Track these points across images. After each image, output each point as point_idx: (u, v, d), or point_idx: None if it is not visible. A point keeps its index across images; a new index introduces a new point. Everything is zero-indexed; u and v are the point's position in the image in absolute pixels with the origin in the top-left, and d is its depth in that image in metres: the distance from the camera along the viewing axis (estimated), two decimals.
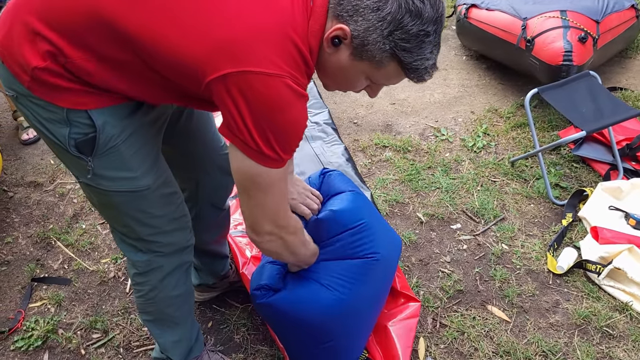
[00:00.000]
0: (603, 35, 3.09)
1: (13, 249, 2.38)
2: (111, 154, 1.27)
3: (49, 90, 1.18)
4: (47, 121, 1.23)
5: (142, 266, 1.52)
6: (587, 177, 2.73)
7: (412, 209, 2.57)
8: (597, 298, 2.11)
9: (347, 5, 1.10)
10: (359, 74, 1.19)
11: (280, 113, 1.09)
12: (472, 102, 3.40)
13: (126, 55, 1.14)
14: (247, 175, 1.18)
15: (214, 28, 1.07)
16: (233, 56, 1.05)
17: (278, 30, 1.07)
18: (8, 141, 3.03)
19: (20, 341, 1.98)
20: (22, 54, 1.16)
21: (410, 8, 1.07)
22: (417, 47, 1.11)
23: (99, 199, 1.40)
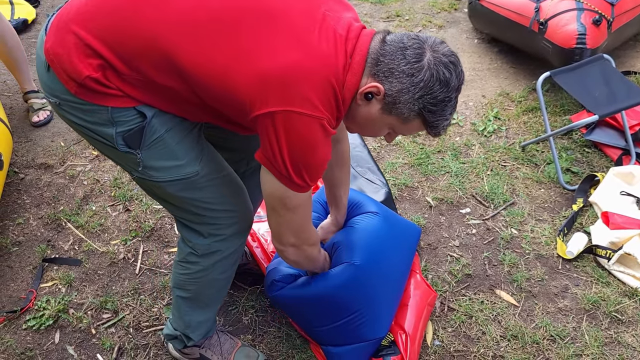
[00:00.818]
0: (618, 17, 3.04)
1: (24, 230, 2.40)
2: (157, 145, 1.35)
3: (96, 95, 1.26)
4: (92, 124, 1.31)
5: (202, 249, 1.56)
6: (599, 162, 2.70)
7: (421, 193, 2.56)
8: (607, 283, 2.10)
9: (384, 67, 1.23)
10: (384, 125, 1.33)
11: (313, 149, 1.23)
12: (484, 85, 3.37)
13: (176, 83, 1.24)
14: (278, 197, 1.32)
15: (266, 65, 1.17)
16: (282, 95, 1.17)
17: (323, 77, 1.19)
18: (19, 123, 3.04)
19: (32, 320, 2.01)
20: (73, 64, 1.23)
21: (441, 78, 1.22)
22: (441, 110, 1.26)
23: (156, 192, 1.49)
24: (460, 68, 1.26)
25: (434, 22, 4.13)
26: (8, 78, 3.41)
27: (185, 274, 1.63)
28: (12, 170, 2.70)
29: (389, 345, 1.81)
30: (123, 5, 1.23)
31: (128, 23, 1.22)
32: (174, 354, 1.86)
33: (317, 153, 1.25)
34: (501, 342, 1.92)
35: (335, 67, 1.21)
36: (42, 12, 4.32)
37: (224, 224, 1.53)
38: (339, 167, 1.74)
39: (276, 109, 1.17)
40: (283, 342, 1.94)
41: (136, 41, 1.21)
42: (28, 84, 3.07)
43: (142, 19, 1.21)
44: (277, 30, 1.19)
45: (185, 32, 1.20)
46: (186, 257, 1.60)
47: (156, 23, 1.20)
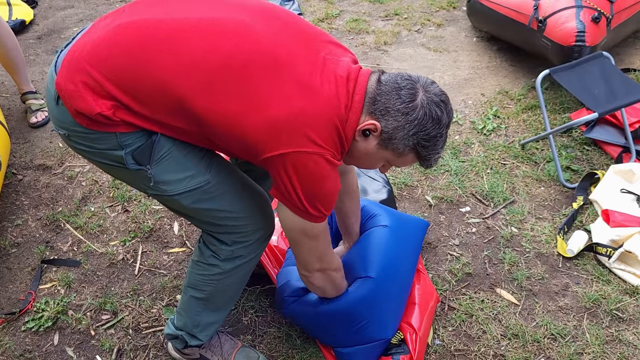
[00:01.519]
0: (617, 15, 3.03)
1: (23, 232, 2.39)
2: (166, 158, 1.38)
3: (105, 126, 1.31)
4: (102, 150, 1.36)
5: (225, 254, 1.56)
6: (599, 159, 2.70)
7: (421, 192, 2.55)
8: (607, 281, 2.10)
9: (380, 107, 1.32)
10: (380, 159, 1.43)
11: (323, 182, 1.32)
12: (483, 84, 3.36)
13: (188, 126, 1.31)
14: (298, 229, 1.41)
15: (275, 113, 1.25)
16: (290, 139, 1.26)
17: (327, 118, 1.28)
18: (17, 124, 3.04)
19: (30, 322, 2.00)
20: (85, 101, 1.27)
21: (433, 116, 1.32)
22: (433, 145, 1.36)
23: (173, 207, 1.52)
24: (450, 106, 1.37)
25: (433, 20, 4.12)
26: (6, 79, 3.40)
27: (202, 274, 1.62)
28: (11, 172, 2.69)
29: (399, 344, 1.80)
30: (136, 48, 1.26)
31: (141, 67, 1.26)
32: (173, 354, 1.85)
33: (328, 184, 1.34)
34: (502, 341, 1.91)
35: (338, 108, 1.30)
36: (40, 13, 4.32)
37: (247, 231, 1.54)
38: (348, 197, 1.83)
39: (285, 151, 1.26)
40: (283, 342, 1.93)
41: (149, 86, 1.26)
42: (26, 85, 3.07)
43: (155, 64, 1.25)
44: (282, 77, 1.26)
45: (197, 79, 1.25)
46: (207, 259, 1.59)
47: (169, 69, 1.25)
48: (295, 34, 1.34)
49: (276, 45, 1.29)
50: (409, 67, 3.56)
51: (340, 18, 4.21)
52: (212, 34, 1.27)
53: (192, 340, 1.74)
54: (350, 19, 4.16)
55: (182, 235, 2.35)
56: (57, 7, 4.44)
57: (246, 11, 1.34)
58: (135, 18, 1.30)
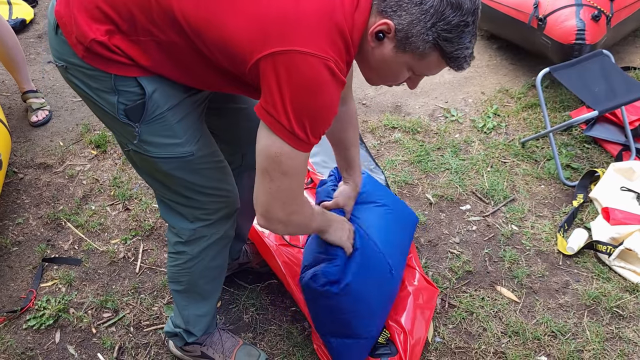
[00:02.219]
0: (617, 13, 3.03)
1: (24, 230, 2.40)
2: (157, 121, 1.33)
3: (101, 60, 1.25)
4: (96, 90, 1.31)
5: (187, 235, 1.55)
6: (599, 158, 2.70)
7: (421, 190, 2.56)
8: (607, 279, 2.10)
9: (390, 1, 1.16)
10: (402, 65, 1.24)
11: (318, 94, 1.15)
12: (483, 82, 3.36)
13: (178, 38, 1.21)
14: (273, 155, 1.21)
15: (265, 7, 1.13)
16: (283, 34, 1.11)
17: (327, 17, 1.13)
18: (18, 123, 3.04)
19: (32, 320, 2.01)
20: (80, 26, 1.22)
21: (451, 1, 1.13)
22: (458, 37, 1.17)
23: (147, 167, 1.45)
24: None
25: None
26: (6, 78, 3.40)
27: (175, 265, 1.63)
28: (11, 170, 2.69)
29: (386, 344, 1.80)
30: None
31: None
32: (174, 352, 1.86)
33: (323, 99, 1.17)
34: (502, 339, 1.92)
35: (341, 7, 1.15)
36: (40, 12, 4.31)
37: (211, 209, 1.53)
38: (349, 128, 1.69)
39: (277, 49, 1.11)
40: (284, 340, 1.93)
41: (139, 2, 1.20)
42: (27, 83, 3.07)
43: None
44: None
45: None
46: (175, 246, 1.60)
47: None
48: None
49: None
50: None
51: None
52: None
53: (189, 336, 1.75)
54: None
55: None
56: None
57: None
58: None
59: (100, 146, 2.84)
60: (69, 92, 3.31)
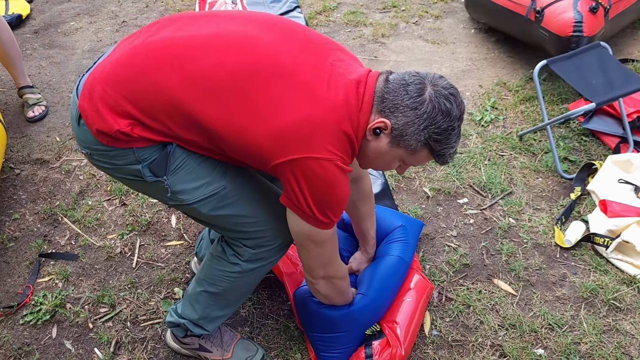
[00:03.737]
0: (615, 5, 3.02)
1: (20, 226, 2.39)
2: (182, 168, 1.41)
3: (123, 142, 1.36)
4: (121, 166, 1.42)
5: (246, 255, 1.56)
6: (597, 150, 2.69)
7: (418, 183, 2.55)
8: (605, 271, 2.10)
9: (389, 104, 1.33)
10: (394, 157, 1.41)
11: (333, 188, 1.32)
12: (481, 75, 3.35)
13: (200, 138, 1.35)
14: (305, 235, 1.42)
15: (281, 122, 1.27)
16: (298, 146, 1.27)
17: (334, 124, 1.29)
18: (14, 119, 3.03)
19: (29, 315, 2.00)
20: (105, 120, 1.34)
21: (442, 109, 1.32)
22: (446, 139, 1.35)
23: (194, 215, 1.54)
24: (460, 99, 1.36)
25: (431, 12, 4.11)
26: (3, 73, 3.39)
27: (221, 270, 1.60)
28: (8, 166, 2.69)
29: (373, 334, 1.82)
30: (149, 69, 1.33)
31: (153, 86, 1.32)
32: (171, 345, 1.86)
33: (337, 191, 1.34)
34: (499, 331, 1.91)
35: (348, 111, 1.31)
36: (37, 7, 4.30)
37: (268, 236, 1.54)
38: (362, 202, 1.85)
39: (294, 156, 1.27)
40: (281, 334, 1.93)
41: (161, 103, 1.31)
42: (23, 79, 3.06)
43: (165, 82, 1.31)
44: (288, 85, 1.29)
45: (205, 93, 1.29)
46: (228, 257, 1.58)
47: (179, 85, 1.30)
48: (302, 43, 1.37)
49: (281, 54, 1.33)
50: (406, 60, 3.55)
51: (337, 10, 4.19)
52: (219, 49, 1.32)
53: (197, 329, 1.73)
54: (348, 11, 4.14)
55: (179, 229, 2.35)
56: (54, 1, 4.42)
57: (253, 24, 1.39)
58: (149, 39, 1.38)
59: None
60: (65, 88, 3.30)
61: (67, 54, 3.69)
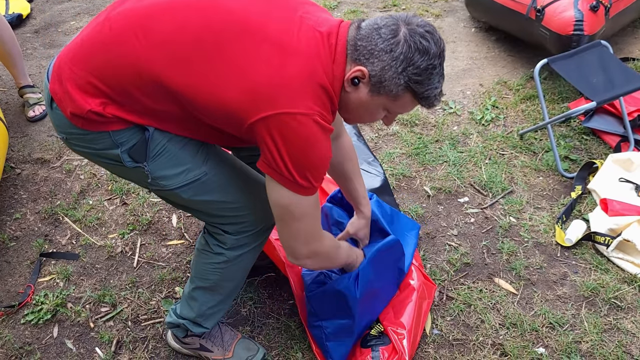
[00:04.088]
0: (615, 4, 3.02)
1: (21, 225, 2.39)
2: (162, 154, 1.39)
3: (99, 124, 1.33)
4: (100, 150, 1.38)
5: (229, 243, 1.56)
6: (597, 149, 2.69)
7: (419, 182, 2.55)
8: (606, 270, 2.10)
9: (363, 51, 1.26)
10: (378, 106, 1.35)
11: (312, 147, 1.25)
12: (481, 74, 3.35)
13: (172, 107, 1.30)
14: (285, 205, 1.33)
15: (252, 77, 1.22)
16: (271, 101, 1.21)
17: (309, 78, 1.24)
18: (15, 118, 3.03)
19: (30, 315, 2.01)
20: (75, 101, 1.30)
21: (419, 47, 1.24)
22: (427, 79, 1.27)
23: (175, 200, 1.52)
24: (437, 36, 1.28)
25: (431, 11, 4.11)
26: (3, 73, 3.39)
27: (208, 262, 1.61)
28: (9, 166, 2.69)
29: (378, 336, 1.80)
30: (112, 40, 1.30)
31: (118, 58, 1.28)
32: (172, 345, 1.86)
33: (317, 150, 1.27)
34: (500, 330, 1.91)
35: (320, 63, 1.25)
36: (37, 7, 4.30)
37: (249, 221, 1.54)
38: (347, 161, 1.76)
39: (268, 113, 1.21)
40: (282, 333, 1.93)
41: (127, 74, 1.27)
42: (23, 78, 3.06)
43: (129, 52, 1.27)
44: (256, 41, 1.24)
45: (170, 56, 1.25)
46: (212, 247, 1.59)
47: (142, 52, 1.26)
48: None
49: (248, 9, 1.28)
50: None
51: (338, 9, 4.19)
52: (183, 10, 1.28)
53: (196, 328, 1.73)
54: (348, 10, 4.14)
55: (180, 228, 2.35)
56: (54, 1, 4.42)
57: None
58: (112, 13, 1.34)
59: None
60: None
61: None
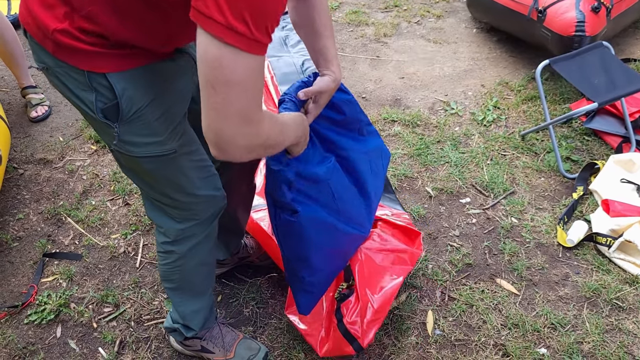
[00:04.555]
0: (617, 5, 3.02)
1: (24, 225, 2.40)
2: (136, 120, 1.28)
3: (71, 53, 1.20)
4: (75, 88, 1.26)
5: (174, 234, 1.54)
6: (599, 150, 2.70)
7: (421, 183, 2.56)
8: (607, 271, 2.10)
9: None
10: None
11: None
12: (483, 75, 3.35)
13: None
14: (212, 59, 0.96)
15: None
16: None
17: None
18: (17, 119, 3.04)
19: (33, 315, 2.01)
20: (41, 20, 1.19)
21: None
22: None
23: (131, 166, 1.41)
24: None
25: (432, 12, 4.11)
26: (6, 73, 3.40)
27: (166, 264, 1.62)
28: (11, 166, 2.70)
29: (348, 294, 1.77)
30: None
31: None
32: (175, 346, 1.87)
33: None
34: (502, 331, 1.92)
35: None
36: None
37: (197, 209, 1.51)
38: (315, 11, 1.43)
39: None
40: (284, 333, 1.94)
41: None
42: (26, 79, 3.07)
43: None
44: None
45: None
46: (163, 246, 1.59)
47: None
48: None
49: None
50: (408, 59, 3.55)
51: (339, 10, 4.19)
52: None
53: (187, 331, 1.75)
54: (350, 10, 4.15)
55: None
56: None
57: None
58: None
59: (99, 141, 2.84)
60: None
61: None
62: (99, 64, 1.22)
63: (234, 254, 2.07)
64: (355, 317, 1.74)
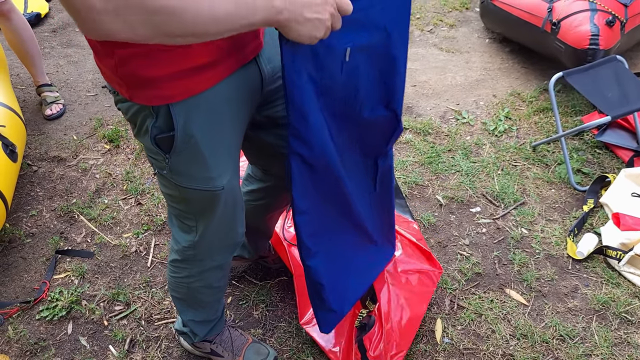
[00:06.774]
0: (631, 19, 3.03)
1: (37, 222, 2.42)
2: (190, 150, 1.22)
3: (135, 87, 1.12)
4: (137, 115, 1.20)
5: (184, 255, 1.50)
6: (610, 163, 2.70)
7: (431, 191, 2.57)
8: (617, 284, 2.10)
9: None
10: None
11: None
12: (495, 85, 3.36)
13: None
14: None
15: None
16: None
17: None
18: (32, 116, 3.07)
19: (45, 311, 2.03)
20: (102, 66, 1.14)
21: None
22: None
23: (173, 192, 1.35)
24: None
25: (445, 21, 4.13)
26: (21, 71, 3.43)
27: (173, 276, 1.61)
28: (26, 163, 2.72)
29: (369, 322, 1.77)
30: None
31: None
32: (185, 346, 1.88)
33: None
34: (510, 341, 1.92)
35: None
36: (55, 6, 4.35)
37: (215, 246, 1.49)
38: None
39: None
40: (293, 337, 1.95)
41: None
42: (41, 77, 3.10)
43: None
44: None
45: None
46: (172, 262, 1.57)
47: None
48: None
49: None
50: (421, 67, 3.57)
51: None
52: None
53: (194, 336, 1.76)
54: None
55: None
56: None
57: None
58: None
59: (113, 140, 2.87)
60: (83, 87, 3.33)
61: (84, 53, 3.73)
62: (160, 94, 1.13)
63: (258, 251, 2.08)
64: (379, 351, 1.74)
